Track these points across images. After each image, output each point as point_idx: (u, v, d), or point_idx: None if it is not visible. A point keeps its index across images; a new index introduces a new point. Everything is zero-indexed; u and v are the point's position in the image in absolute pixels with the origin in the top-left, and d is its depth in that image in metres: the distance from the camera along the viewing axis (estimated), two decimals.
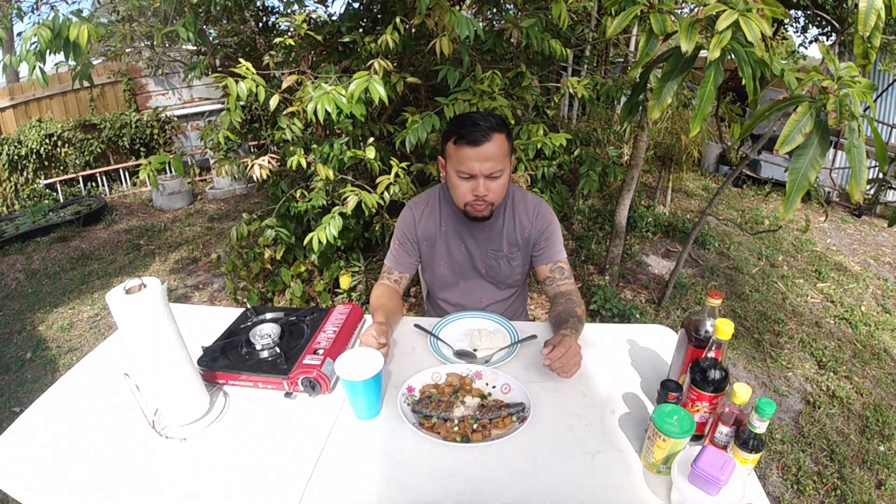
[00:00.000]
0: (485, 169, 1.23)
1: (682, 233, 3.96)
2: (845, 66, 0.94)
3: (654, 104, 1.06)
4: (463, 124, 1.23)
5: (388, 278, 1.47)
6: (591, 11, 3.50)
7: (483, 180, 1.25)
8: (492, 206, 1.31)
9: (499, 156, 1.23)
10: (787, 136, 0.91)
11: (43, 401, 1.09)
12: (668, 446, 0.83)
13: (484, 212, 1.31)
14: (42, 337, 2.95)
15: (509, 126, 1.31)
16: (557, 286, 1.40)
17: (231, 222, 4.58)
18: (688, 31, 0.94)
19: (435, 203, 1.46)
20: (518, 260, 1.45)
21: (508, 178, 1.32)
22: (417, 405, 1.01)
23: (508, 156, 1.29)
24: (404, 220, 1.47)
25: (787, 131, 0.91)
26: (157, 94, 5.94)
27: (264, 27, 2.82)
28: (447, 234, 1.45)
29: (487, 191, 1.26)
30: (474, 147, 1.21)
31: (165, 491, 0.87)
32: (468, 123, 1.23)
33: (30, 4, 3.29)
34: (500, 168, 1.25)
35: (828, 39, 5.07)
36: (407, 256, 1.47)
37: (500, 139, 1.23)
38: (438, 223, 1.45)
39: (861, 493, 1.85)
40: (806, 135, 0.90)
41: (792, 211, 0.94)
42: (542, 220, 1.42)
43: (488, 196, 1.27)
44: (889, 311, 3.03)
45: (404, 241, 1.46)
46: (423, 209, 1.46)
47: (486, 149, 1.21)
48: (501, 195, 1.31)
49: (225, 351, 1.16)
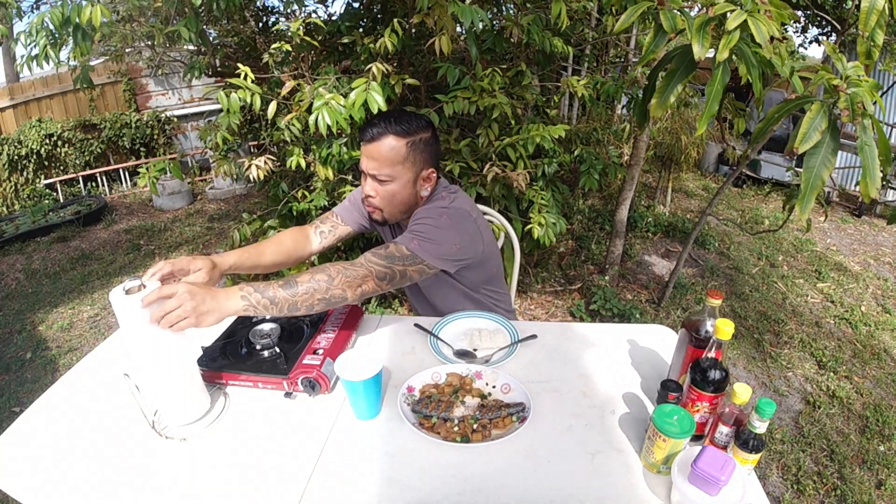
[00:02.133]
0: (369, 167, 1.20)
1: (682, 233, 3.96)
2: (852, 65, 0.94)
3: (657, 103, 1.06)
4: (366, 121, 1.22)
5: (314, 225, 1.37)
6: (591, 11, 3.50)
7: (370, 180, 1.22)
8: (381, 213, 1.26)
9: (386, 160, 1.18)
10: (804, 133, 0.90)
11: (43, 401, 1.09)
12: (668, 446, 0.83)
13: (374, 214, 1.28)
14: (42, 337, 2.95)
15: (428, 134, 1.22)
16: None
17: (231, 222, 4.58)
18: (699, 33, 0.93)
19: None
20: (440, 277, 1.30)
21: (406, 190, 1.23)
22: (417, 405, 1.01)
23: (405, 165, 1.19)
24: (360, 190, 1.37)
25: (804, 130, 0.90)
26: (157, 94, 5.94)
27: (264, 27, 2.81)
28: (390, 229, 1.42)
29: (374, 192, 1.23)
30: (365, 143, 1.19)
31: (165, 491, 0.87)
32: (369, 121, 1.20)
33: (29, 4, 3.29)
34: (387, 173, 1.19)
35: (828, 39, 5.07)
36: (359, 215, 1.39)
37: (395, 143, 1.16)
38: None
39: (861, 493, 1.85)
40: (822, 132, 0.90)
41: (808, 211, 0.93)
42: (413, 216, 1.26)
43: (374, 199, 1.23)
44: (889, 311, 3.03)
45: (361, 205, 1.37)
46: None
47: (372, 148, 1.18)
48: (390, 205, 1.24)
49: (225, 351, 1.16)
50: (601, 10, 3.43)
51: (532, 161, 2.26)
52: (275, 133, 2.29)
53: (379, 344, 1.26)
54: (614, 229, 3.10)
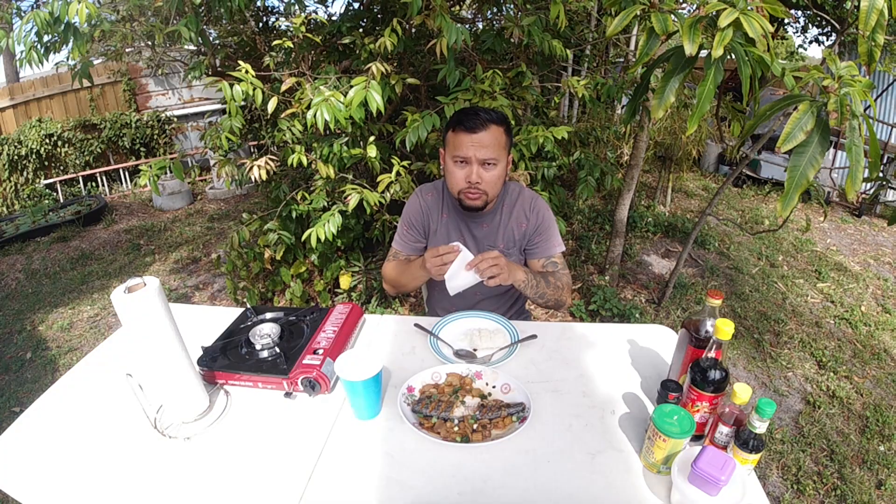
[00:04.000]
0: (479, 155, 1.26)
1: (682, 233, 3.96)
2: (845, 65, 0.94)
3: (657, 103, 1.06)
4: (464, 113, 1.29)
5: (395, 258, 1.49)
6: (591, 11, 3.50)
7: (476, 167, 1.28)
8: (485, 197, 1.33)
9: (494, 145, 1.26)
10: (788, 133, 0.91)
11: (43, 401, 1.09)
12: (668, 446, 0.83)
13: (477, 201, 1.33)
14: (42, 337, 2.95)
15: (510, 123, 1.34)
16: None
17: (231, 222, 4.59)
18: (690, 31, 0.94)
19: (438, 194, 1.49)
20: (514, 257, 1.46)
21: (504, 173, 1.34)
22: (417, 405, 1.01)
23: (505, 150, 1.31)
24: (413, 205, 1.50)
25: (789, 129, 0.91)
26: (157, 94, 5.94)
27: (264, 27, 2.82)
28: (447, 225, 1.48)
29: (480, 179, 1.29)
30: (470, 133, 1.25)
31: (165, 491, 0.87)
32: (469, 113, 1.28)
33: (29, 4, 3.29)
34: (494, 157, 1.28)
35: (828, 39, 5.07)
36: (414, 240, 1.50)
37: (497, 131, 1.27)
38: (440, 213, 1.48)
39: (861, 493, 1.85)
40: (807, 133, 0.90)
41: (789, 209, 0.94)
42: (537, 216, 1.43)
43: (481, 184, 1.30)
44: (889, 311, 3.03)
45: (412, 225, 1.49)
46: (429, 197, 1.49)
47: (482, 136, 1.25)
48: (495, 187, 1.33)
49: (225, 351, 1.16)
50: (601, 11, 3.44)
51: (532, 163, 2.25)
52: (276, 133, 2.29)
53: (379, 344, 1.26)
54: (614, 229, 3.10)
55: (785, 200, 0.93)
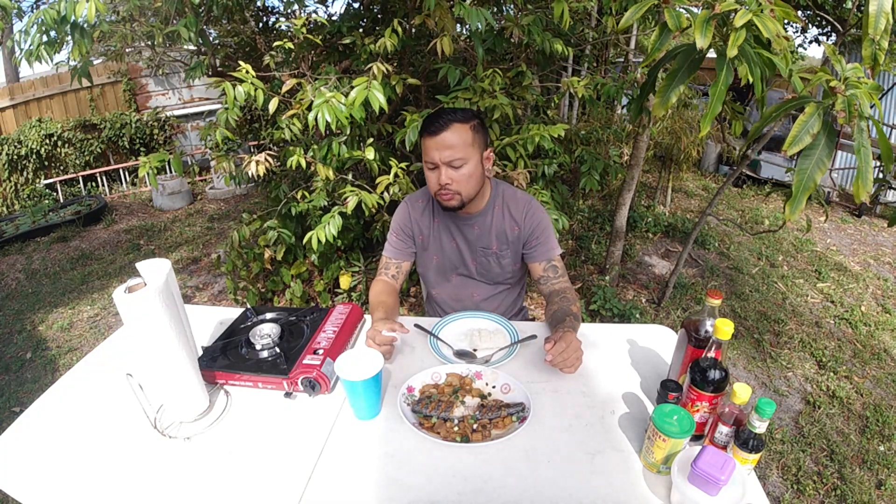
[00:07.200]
0: (444, 157, 1.27)
1: (682, 233, 3.96)
2: (852, 66, 0.93)
3: (659, 102, 1.06)
4: (428, 118, 1.30)
5: (385, 273, 1.49)
6: (590, 11, 3.50)
7: (445, 169, 1.28)
8: (459, 196, 1.32)
9: (459, 144, 1.27)
10: (795, 136, 0.91)
11: (43, 401, 1.09)
12: (668, 446, 0.83)
13: (451, 201, 1.33)
14: (42, 337, 2.95)
15: (481, 119, 1.34)
16: (552, 285, 1.41)
17: (231, 222, 4.59)
18: (703, 26, 0.94)
19: (428, 199, 1.50)
20: (508, 258, 1.46)
21: (478, 170, 1.33)
22: (417, 405, 1.01)
23: (475, 146, 1.30)
24: (400, 214, 1.51)
25: (796, 132, 0.91)
26: (157, 94, 5.94)
27: (264, 27, 2.81)
28: (439, 230, 1.48)
29: (450, 179, 1.29)
30: (433, 137, 1.27)
31: (165, 490, 0.87)
32: (432, 117, 1.29)
33: (29, 4, 3.29)
34: (461, 157, 1.27)
35: (828, 39, 5.06)
36: (405, 246, 1.51)
37: (462, 128, 1.27)
38: (432, 218, 1.49)
39: (861, 493, 1.85)
40: (813, 135, 0.90)
41: (798, 212, 0.94)
42: (532, 218, 1.43)
43: (451, 185, 1.30)
44: (889, 311, 3.03)
45: (401, 232, 1.50)
46: (419, 204, 1.50)
47: (444, 137, 1.26)
48: (467, 185, 1.32)
49: (225, 351, 1.16)
50: (601, 11, 3.43)
51: (532, 161, 2.25)
52: (275, 132, 2.29)
53: None
54: (614, 229, 3.09)
55: (793, 204, 0.93)
